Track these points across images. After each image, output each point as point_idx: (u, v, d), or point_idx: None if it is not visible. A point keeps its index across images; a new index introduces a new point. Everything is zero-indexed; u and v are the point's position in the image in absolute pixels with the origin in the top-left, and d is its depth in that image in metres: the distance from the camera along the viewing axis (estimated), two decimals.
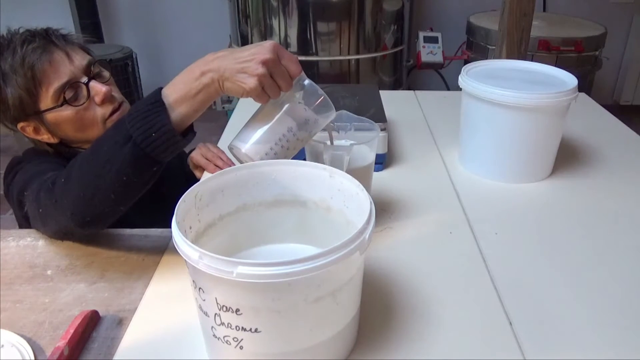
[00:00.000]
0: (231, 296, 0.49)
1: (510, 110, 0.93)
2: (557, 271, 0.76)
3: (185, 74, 0.66)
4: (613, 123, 1.30)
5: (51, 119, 0.85)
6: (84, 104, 0.85)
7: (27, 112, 0.84)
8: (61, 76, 0.83)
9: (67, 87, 0.83)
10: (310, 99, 0.71)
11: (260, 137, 0.71)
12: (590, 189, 0.99)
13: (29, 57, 0.80)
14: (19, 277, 0.75)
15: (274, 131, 0.70)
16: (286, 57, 0.67)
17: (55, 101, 0.83)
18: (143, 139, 0.63)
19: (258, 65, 0.64)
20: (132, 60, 2.75)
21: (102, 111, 0.87)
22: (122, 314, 0.68)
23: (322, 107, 0.72)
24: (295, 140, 0.72)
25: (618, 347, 0.63)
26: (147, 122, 0.63)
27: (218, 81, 0.65)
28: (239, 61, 0.65)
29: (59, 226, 0.75)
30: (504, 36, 1.62)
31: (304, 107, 0.71)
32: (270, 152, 0.71)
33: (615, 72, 3.26)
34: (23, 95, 0.81)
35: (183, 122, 0.66)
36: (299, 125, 0.71)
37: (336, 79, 2.38)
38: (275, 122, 0.71)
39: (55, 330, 0.65)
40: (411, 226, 0.86)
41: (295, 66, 0.67)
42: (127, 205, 0.70)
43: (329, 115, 0.73)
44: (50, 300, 0.70)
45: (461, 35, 2.75)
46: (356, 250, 0.50)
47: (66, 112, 0.84)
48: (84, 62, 0.86)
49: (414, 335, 0.64)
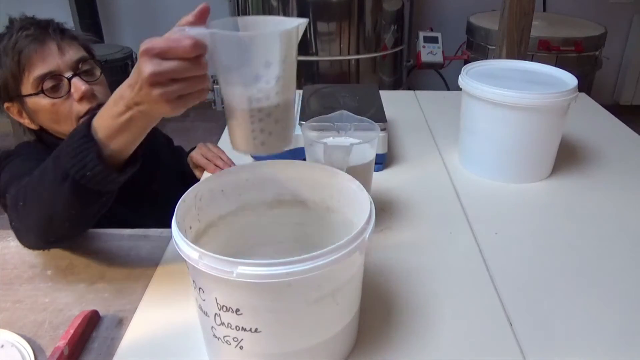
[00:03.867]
0: (231, 296, 0.49)
1: (510, 110, 0.93)
2: (557, 271, 0.76)
3: (111, 107, 0.58)
4: (613, 123, 1.30)
5: (30, 105, 0.86)
6: (62, 97, 0.86)
7: (11, 94, 0.86)
8: (45, 66, 0.84)
9: (47, 77, 0.84)
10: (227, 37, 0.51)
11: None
12: (590, 189, 0.99)
13: (20, 42, 0.83)
14: (19, 277, 0.75)
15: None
16: (164, 47, 0.51)
17: (34, 88, 0.84)
18: (81, 177, 0.60)
19: (151, 91, 0.52)
20: (132, 60, 2.75)
21: (79, 108, 0.87)
22: (122, 314, 0.68)
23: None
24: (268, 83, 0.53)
25: (618, 347, 0.63)
26: (79, 159, 0.59)
27: (139, 114, 0.56)
28: (135, 92, 0.54)
29: (29, 243, 0.75)
30: (504, 36, 1.62)
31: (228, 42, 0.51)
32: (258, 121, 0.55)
33: (615, 72, 3.26)
34: (9, 77, 0.84)
35: (121, 155, 0.61)
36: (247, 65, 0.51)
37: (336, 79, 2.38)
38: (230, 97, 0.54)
39: (55, 330, 0.65)
40: (411, 226, 0.86)
41: (177, 44, 0.50)
42: (89, 227, 0.71)
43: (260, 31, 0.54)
44: (50, 300, 0.70)
45: (461, 35, 2.75)
46: (356, 250, 0.50)
47: (43, 101, 0.85)
48: (75, 58, 0.87)
49: (414, 335, 0.64)
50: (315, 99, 1.11)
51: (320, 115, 0.86)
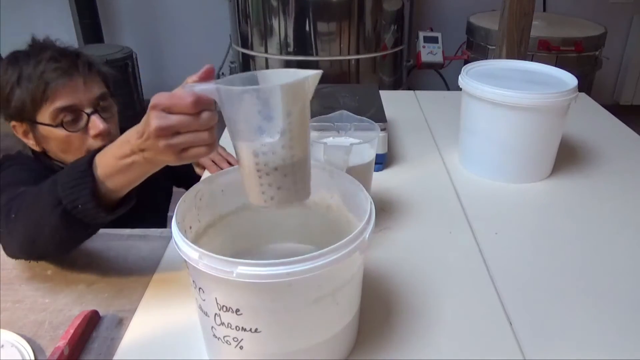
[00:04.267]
0: (231, 296, 0.49)
1: (510, 110, 0.93)
2: (557, 271, 0.76)
3: (116, 148, 0.59)
4: (613, 123, 1.30)
5: (43, 131, 0.87)
6: (77, 131, 0.87)
7: (24, 116, 0.86)
8: (69, 99, 0.85)
9: (68, 110, 0.85)
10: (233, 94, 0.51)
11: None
12: (590, 189, 0.99)
13: (48, 74, 0.83)
14: (19, 277, 0.75)
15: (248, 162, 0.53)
16: (169, 103, 0.52)
17: (52, 119, 0.85)
18: (72, 207, 0.61)
19: (157, 142, 0.53)
20: (132, 60, 2.75)
21: (92, 144, 0.88)
22: (122, 314, 0.68)
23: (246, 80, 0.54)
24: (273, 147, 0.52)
25: (618, 347, 0.63)
26: (74, 191, 0.61)
27: (143, 160, 0.57)
28: (144, 141, 0.55)
29: (12, 253, 0.73)
30: (504, 36, 1.62)
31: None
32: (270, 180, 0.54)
33: (615, 72, 3.26)
34: (27, 101, 0.84)
35: (115, 194, 0.62)
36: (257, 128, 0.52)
37: (336, 79, 2.38)
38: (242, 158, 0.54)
39: (55, 330, 0.65)
40: (411, 226, 0.86)
41: (184, 101, 0.52)
42: (72, 250, 0.72)
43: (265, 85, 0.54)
44: (50, 300, 0.70)
45: (461, 35, 2.75)
46: (356, 250, 0.50)
47: (58, 132, 0.86)
48: (97, 94, 0.88)
49: (414, 335, 0.64)
50: (315, 99, 1.11)
51: (320, 115, 0.86)
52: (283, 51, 2.33)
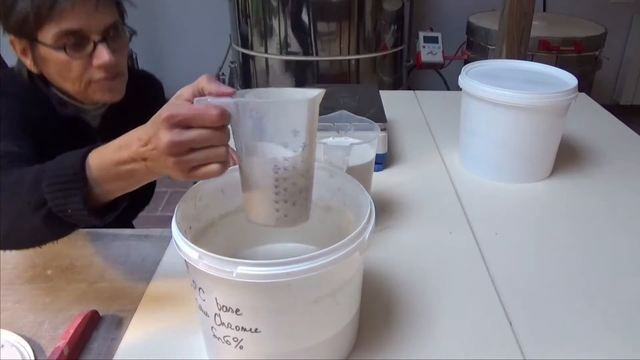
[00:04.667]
0: (231, 296, 0.49)
1: (510, 110, 0.93)
2: (557, 271, 0.76)
3: (114, 151, 0.54)
4: (613, 123, 1.30)
5: (43, 52, 0.80)
6: (80, 59, 0.80)
7: (24, 32, 0.79)
8: (76, 22, 0.77)
9: (74, 34, 0.78)
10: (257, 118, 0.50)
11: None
12: (590, 189, 0.99)
13: None
14: (19, 277, 0.75)
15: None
16: (189, 115, 0.48)
17: (55, 40, 0.77)
18: (58, 210, 0.56)
19: (166, 158, 0.49)
20: (132, 60, 2.75)
21: (94, 74, 0.82)
22: (122, 314, 0.68)
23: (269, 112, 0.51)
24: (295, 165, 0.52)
25: (618, 347, 0.63)
26: (63, 196, 0.55)
27: (145, 168, 0.53)
28: (149, 152, 0.51)
29: None
30: (504, 36, 1.62)
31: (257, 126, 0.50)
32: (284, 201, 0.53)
33: (615, 72, 3.26)
34: (31, 16, 0.76)
35: (108, 197, 0.58)
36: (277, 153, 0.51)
37: (336, 79, 2.38)
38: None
39: (55, 330, 0.65)
40: (411, 226, 0.86)
41: (209, 112, 0.48)
42: (50, 242, 0.66)
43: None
44: (50, 300, 0.70)
45: (461, 35, 2.75)
46: (356, 250, 0.50)
47: (59, 55, 0.79)
48: (108, 22, 0.81)
49: (414, 335, 0.64)
50: None
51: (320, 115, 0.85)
52: (283, 51, 2.33)
